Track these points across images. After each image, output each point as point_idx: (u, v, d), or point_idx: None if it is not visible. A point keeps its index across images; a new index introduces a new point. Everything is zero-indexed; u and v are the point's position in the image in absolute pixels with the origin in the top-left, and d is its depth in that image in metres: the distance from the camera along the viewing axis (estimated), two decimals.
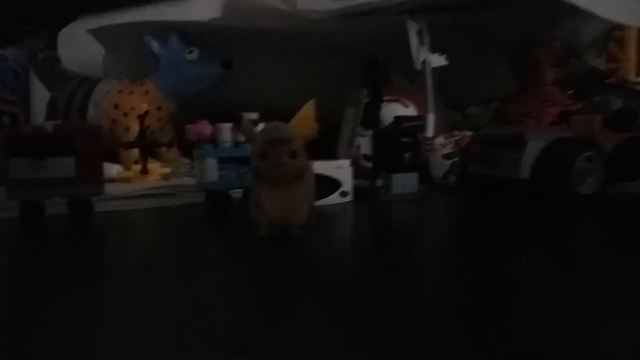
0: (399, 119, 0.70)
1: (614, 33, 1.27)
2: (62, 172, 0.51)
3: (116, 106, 0.93)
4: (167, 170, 0.81)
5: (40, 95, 1.13)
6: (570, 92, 1.03)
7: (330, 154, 0.94)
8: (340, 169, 0.67)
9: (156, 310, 0.31)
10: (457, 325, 0.29)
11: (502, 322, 0.29)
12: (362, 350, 0.26)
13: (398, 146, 0.70)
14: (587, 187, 0.61)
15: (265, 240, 0.44)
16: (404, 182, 0.71)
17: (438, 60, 0.80)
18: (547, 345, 0.26)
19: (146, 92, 0.93)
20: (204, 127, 0.59)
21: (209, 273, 0.40)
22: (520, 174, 0.61)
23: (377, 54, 0.69)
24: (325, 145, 0.95)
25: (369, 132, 0.88)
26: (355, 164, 0.80)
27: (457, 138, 0.84)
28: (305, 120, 0.47)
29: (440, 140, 0.86)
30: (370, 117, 0.73)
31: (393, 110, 0.84)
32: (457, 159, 0.79)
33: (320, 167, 0.65)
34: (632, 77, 1.52)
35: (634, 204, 0.66)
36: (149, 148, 0.81)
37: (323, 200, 0.65)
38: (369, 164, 0.87)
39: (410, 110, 0.88)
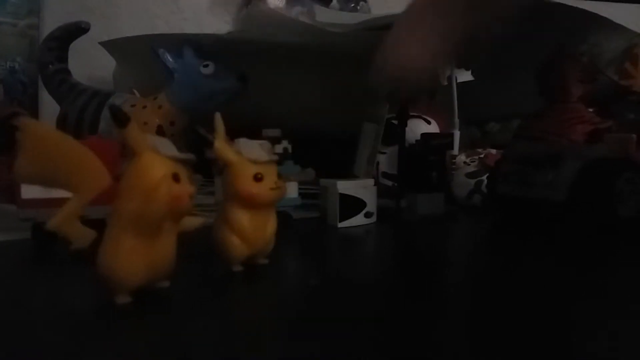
0: (426, 136, 0.67)
1: (631, 50, 1.25)
2: None
3: None
4: None
5: (49, 108, 1.10)
6: (593, 109, 1.00)
7: (346, 170, 0.92)
8: (364, 189, 0.64)
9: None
10: (479, 351, 0.28)
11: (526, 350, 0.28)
12: None
13: (425, 165, 0.67)
14: (628, 210, 0.58)
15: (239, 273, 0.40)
16: (430, 202, 0.68)
17: (464, 75, 0.77)
18: None
19: (159, 107, 0.91)
20: None
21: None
22: (557, 195, 0.58)
23: None
24: (341, 161, 0.94)
25: (390, 149, 0.85)
26: (375, 181, 0.77)
27: (481, 156, 0.81)
28: None
29: (462, 158, 0.83)
30: (395, 135, 0.70)
31: (415, 127, 0.81)
32: (482, 177, 0.76)
33: (345, 186, 0.62)
34: None
35: None
36: None
37: (347, 221, 0.62)
38: (388, 182, 0.84)
39: (433, 127, 0.85)
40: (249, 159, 0.39)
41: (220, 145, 0.39)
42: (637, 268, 0.47)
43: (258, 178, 0.38)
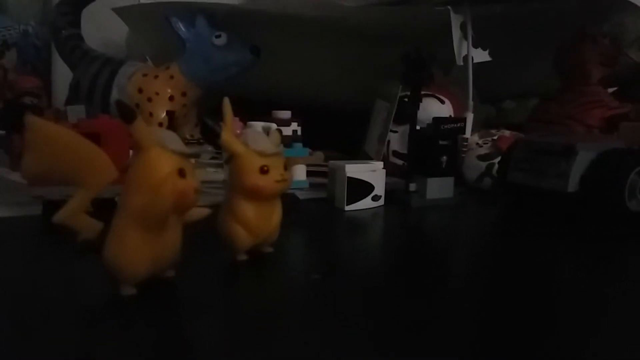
0: (437, 120, 0.66)
1: None
2: None
3: (140, 90, 0.90)
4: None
5: (62, 72, 1.10)
6: (613, 90, 0.98)
7: (357, 148, 0.91)
8: (373, 172, 0.64)
9: None
10: (485, 335, 0.29)
11: (532, 333, 0.29)
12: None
13: (435, 149, 0.66)
14: (638, 204, 0.57)
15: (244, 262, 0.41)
16: (439, 187, 0.67)
17: (481, 56, 0.76)
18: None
19: (171, 77, 0.90)
20: (235, 125, 0.56)
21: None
22: (568, 186, 0.57)
23: (421, 51, 0.64)
24: (352, 138, 0.93)
25: (401, 128, 0.84)
26: (385, 160, 0.77)
27: (494, 137, 0.80)
28: None
29: (475, 138, 0.81)
30: (407, 115, 0.69)
31: (428, 106, 0.80)
32: (493, 161, 0.75)
33: (353, 169, 0.62)
34: None
35: None
36: None
37: (354, 204, 0.62)
38: (399, 161, 0.84)
39: (447, 107, 0.84)
40: (256, 150, 0.39)
41: (227, 136, 0.38)
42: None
43: (264, 170, 0.38)
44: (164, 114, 0.88)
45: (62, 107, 0.88)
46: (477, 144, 0.80)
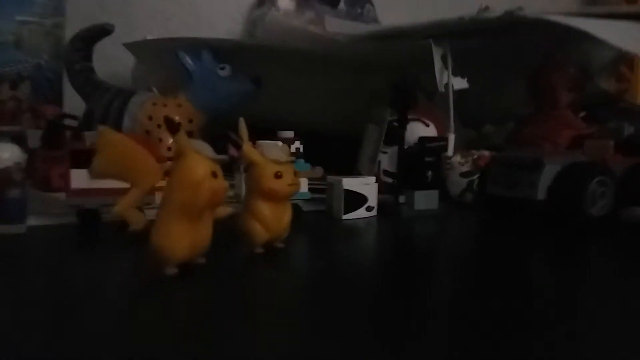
0: (423, 139, 0.75)
1: (625, 55, 1.31)
2: (117, 183, 0.56)
3: (150, 118, 0.98)
4: None
5: (71, 103, 1.18)
6: (583, 114, 1.07)
7: (350, 168, 0.99)
8: (367, 185, 0.71)
9: None
10: (469, 335, 0.33)
11: (512, 332, 0.33)
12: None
13: (421, 165, 0.74)
14: (599, 210, 0.65)
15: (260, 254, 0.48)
16: (426, 199, 0.75)
17: (460, 84, 0.85)
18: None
19: (179, 105, 0.98)
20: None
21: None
22: (537, 195, 0.65)
23: (406, 77, 0.73)
24: (346, 159, 1.01)
25: (391, 149, 0.92)
26: (376, 178, 0.85)
27: (474, 157, 0.88)
28: None
29: (457, 158, 0.90)
30: (395, 136, 0.77)
31: (415, 129, 0.89)
32: (474, 177, 0.83)
33: (349, 183, 0.70)
34: None
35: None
36: None
37: (350, 214, 0.70)
38: (389, 179, 0.92)
39: (431, 129, 0.92)
40: (271, 159, 0.46)
41: (248, 147, 0.46)
42: (605, 259, 0.55)
43: (278, 176, 0.46)
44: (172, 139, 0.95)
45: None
46: (460, 162, 0.88)
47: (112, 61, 1.20)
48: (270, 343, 0.31)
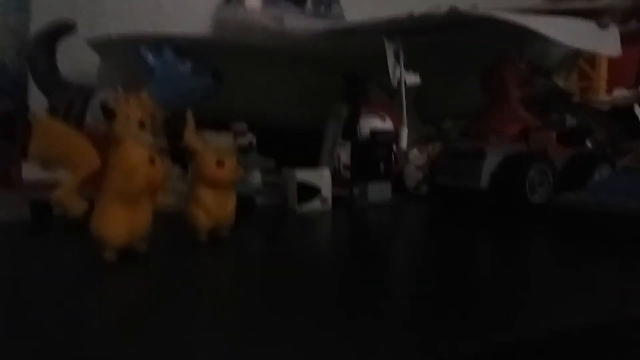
0: (374, 132, 0.77)
1: (584, 53, 1.35)
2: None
3: None
4: None
5: (37, 102, 1.18)
6: (534, 109, 1.11)
7: (313, 163, 1.02)
8: (321, 178, 0.74)
9: None
10: (422, 312, 0.35)
11: (466, 310, 0.34)
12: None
13: (373, 157, 0.77)
14: (539, 197, 0.68)
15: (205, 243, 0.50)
16: (379, 191, 0.78)
17: (412, 79, 0.87)
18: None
19: (141, 102, 0.99)
20: None
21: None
22: (480, 184, 0.68)
23: (356, 70, 0.76)
24: (309, 154, 1.03)
25: (350, 144, 0.95)
26: (336, 173, 0.87)
27: (429, 151, 0.91)
28: None
29: (414, 152, 0.93)
30: (349, 129, 0.80)
31: (371, 122, 0.91)
32: (427, 170, 0.86)
33: (302, 175, 0.72)
34: (602, 95, 1.61)
35: (576, 210, 0.73)
36: None
37: (304, 206, 0.72)
38: (349, 173, 0.94)
39: (387, 123, 0.95)
40: (213, 147, 0.48)
41: (190, 136, 0.48)
42: (544, 243, 0.58)
43: (220, 163, 0.48)
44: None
45: None
46: (416, 156, 0.91)
47: (80, 60, 1.21)
48: (207, 325, 0.32)
